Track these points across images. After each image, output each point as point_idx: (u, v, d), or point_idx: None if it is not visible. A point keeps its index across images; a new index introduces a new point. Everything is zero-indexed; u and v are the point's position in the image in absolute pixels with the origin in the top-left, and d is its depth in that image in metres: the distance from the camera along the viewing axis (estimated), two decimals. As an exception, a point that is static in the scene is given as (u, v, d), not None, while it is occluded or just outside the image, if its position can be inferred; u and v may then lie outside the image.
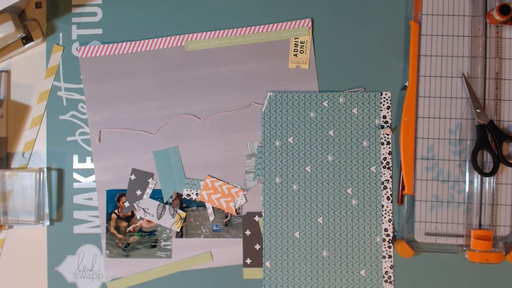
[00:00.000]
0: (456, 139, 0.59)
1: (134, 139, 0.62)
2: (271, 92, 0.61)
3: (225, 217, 0.61)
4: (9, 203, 0.61)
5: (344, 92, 0.61)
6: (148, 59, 0.62)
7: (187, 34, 0.62)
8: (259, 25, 0.62)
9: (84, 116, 0.63)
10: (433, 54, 0.59)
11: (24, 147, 0.63)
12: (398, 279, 0.60)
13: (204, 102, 0.62)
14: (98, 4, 0.64)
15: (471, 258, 0.57)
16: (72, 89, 0.63)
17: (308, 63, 0.62)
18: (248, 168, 0.61)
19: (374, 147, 0.61)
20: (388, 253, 0.60)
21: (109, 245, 0.62)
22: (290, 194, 0.61)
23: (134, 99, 0.62)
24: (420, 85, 0.59)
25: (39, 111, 0.63)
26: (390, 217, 0.60)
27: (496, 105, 0.58)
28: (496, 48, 0.59)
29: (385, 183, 0.60)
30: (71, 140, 0.63)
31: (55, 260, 0.62)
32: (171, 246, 0.61)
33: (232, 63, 0.62)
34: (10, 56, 0.63)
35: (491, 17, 0.57)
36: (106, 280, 0.62)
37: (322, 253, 0.60)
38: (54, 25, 0.64)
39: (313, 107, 0.61)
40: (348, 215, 0.60)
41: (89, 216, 0.62)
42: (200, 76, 0.62)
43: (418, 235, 0.58)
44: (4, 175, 0.61)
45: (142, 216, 0.62)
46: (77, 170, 0.63)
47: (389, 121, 0.61)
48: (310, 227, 0.60)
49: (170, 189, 0.62)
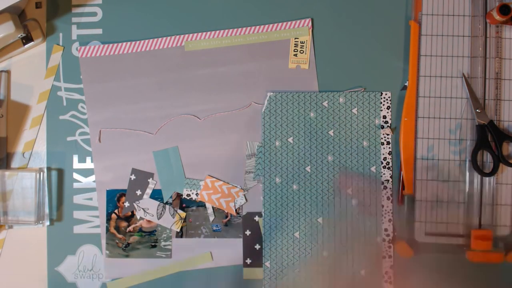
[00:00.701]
0: (456, 139, 0.59)
1: (134, 139, 0.62)
2: (271, 92, 0.61)
3: (225, 217, 0.61)
4: (9, 203, 0.61)
5: (344, 92, 0.61)
6: (148, 59, 0.62)
7: (187, 34, 0.62)
8: (259, 25, 0.62)
9: (84, 116, 0.63)
10: (433, 54, 0.59)
11: (24, 147, 0.63)
12: (398, 279, 0.60)
13: (204, 102, 0.62)
14: (98, 4, 0.64)
15: (471, 258, 0.57)
16: (72, 89, 0.63)
17: (308, 63, 0.62)
18: (248, 168, 0.61)
19: (374, 147, 0.61)
20: (388, 253, 0.60)
21: (109, 245, 0.62)
22: (290, 194, 0.61)
23: (134, 99, 0.62)
24: (420, 85, 0.59)
25: (39, 111, 0.63)
26: (390, 217, 0.60)
27: (496, 105, 0.58)
28: (496, 48, 0.59)
29: (385, 183, 0.60)
30: (71, 140, 0.63)
31: (55, 260, 0.62)
32: (171, 246, 0.61)
33: (232, 63, 0.62)
34: (10, 56, 0.63)
35: (491, 17, 0.57)
36: (106, 280, 0.62)
37: (322, 253, 0.60)
38: (54, 25, 0.64)
39: (313, 107, 0.61)
40: (348, 215, 0.60)
41: (89, 216, 0.62)
42: (200, 76, 0.62)
43: (418, 235, 0.58)
44: (4, 175, 0.61)
45: (142, 216, 0.62)
46: (77, 170, 0.63)
47: (389, 121, 0.61)
48: (310, 227, 0.60)
49: (170, 189, 0.62)
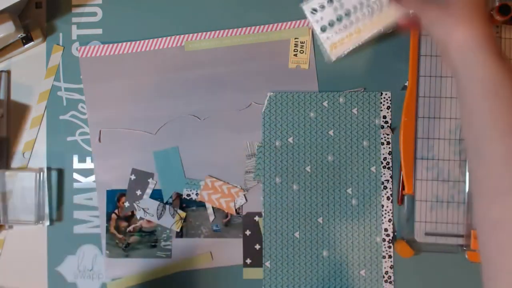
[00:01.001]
0: (456, 139, 0.59)
1: (134, 139, 0.62)
2: (271, 92, 0.61)
3: (225, 217, 0.61)
4: (9, 203, 0.61)
5: (344, 92, 0.61)
6: (148, 59, 0.62)
7: (187, 34, 0.62)
8: (259, 25, 0.62)
9: (84, 116, 0.63)
10: (433, 54, 0.59)
11: (24, 147, 0.63)
12: (398, 279, 0.60)
13: (204, 102, 0.62)
14: (98, 4, 0.64)
15: (471, 258, 0.57)
16: (72, 89, 0.63)
17: (308, 63, 0.62)
18: (248, 168, 0.61)
19: (374, 147, 0.60)
20: (388, 253, 0.60)
21: (109, 245, 0.62)
22: (290, 194, 0.61)
23: (134, 99, 0.62)
24: (420, 85, 0.59)
25: (39, 111, 0.63)
26: (390, 217, 0.60)
27: (496, 105, 0.58)
28: (496, 48, 0.59)
29: (385, 183, 0.60)
30: (71, 140, 0.63)
31: (55, 260, 0.62)
32: (171, 246, 0.61)
33: (232, 63, 0.62)
34: (10, 56, 0.63)
35: (491, 17, 0.57)
36: (106, 280, 0.62)
37: (322, 253, 0.60)
38: (54, 25, 0.64)
39: (313, 107, 0.61)
40: (348, 215, 0.60)
41: (89, 216, 0.62)
42: (200, 76, 0.62)
43: (418, 235, 0.58)
44: (4, 175, 0.61)
45: (142, 216, 0.62)
46: (77, 170, 0.63)
47: (389, 121, 0.61)
48: (310, 227, 0.60)
49: (170, 189, 0.62)
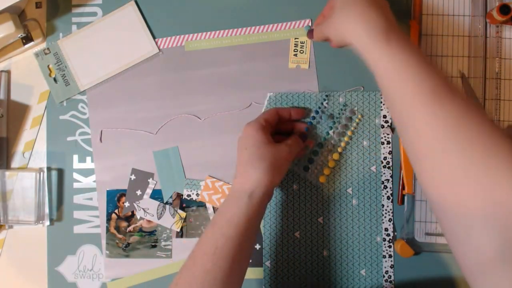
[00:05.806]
0: (456, 139, 0.59)
1: (134, 139, 0.62)
2: (271, 92, 0.61)
3: (225, 217, 0.61)
4: (9, 203, 0.61)
5: (344, 92, 0.61)
6: (149, 59, 0.62)
7: (187, 34, 0.62)
8: (259, 25, 0.62)
9: (84, 116, 0.63)
10: (433, 54, 0.59)
11: (24, 147, 0.63)
12: (398, 279, 0.60)
13: (204, 102, 0.62)
14: (98, 4, 0.64)
15: (471, 258, 0.57)
16: (72, 89, 0.63)
17: (308, 63, 0.62)
18: (248, 168, 0.61)
19: (374, 146, 0.61)
20: (388, 253, 0.60)
21: (109, 245, 0.62)
22: (290, 194, 0.61)
23: (134, 99, 0.62)
24: (420, 85, 0.59)
25: (39, 111, 0.63)
26: (390, 216, 0.60)
27: (496, 105, 0.58)
28: (496, 48, 0.59)
29: (385, 182, 0.60)
30: (71, 140, 0.63)
31: (55, 260, 0.62)
32: (171, 246, 0.61)
33: (232, 63, 0.62)
34: (10, 56, 0.63)
35: (491, 17, 0.57)
36: (106, 280, 0.62)
37: (323, 253, 0.60)
38: (54, 25, 0.64)
39: (313, 107, 0.61)
40: (349, 215, 0.60)
41: (89, 216, 0.62)
42: (200, 76, 0.62)
43: (418, 235, 0.58)
44: (4, 175, 0.61)
45: (142, 216, 0.62)
46: (77, 170, 0.63)
47: (389, 120, 0.61)
48: (310, 227, 0.60)
49: (170, 189, 0.62)
